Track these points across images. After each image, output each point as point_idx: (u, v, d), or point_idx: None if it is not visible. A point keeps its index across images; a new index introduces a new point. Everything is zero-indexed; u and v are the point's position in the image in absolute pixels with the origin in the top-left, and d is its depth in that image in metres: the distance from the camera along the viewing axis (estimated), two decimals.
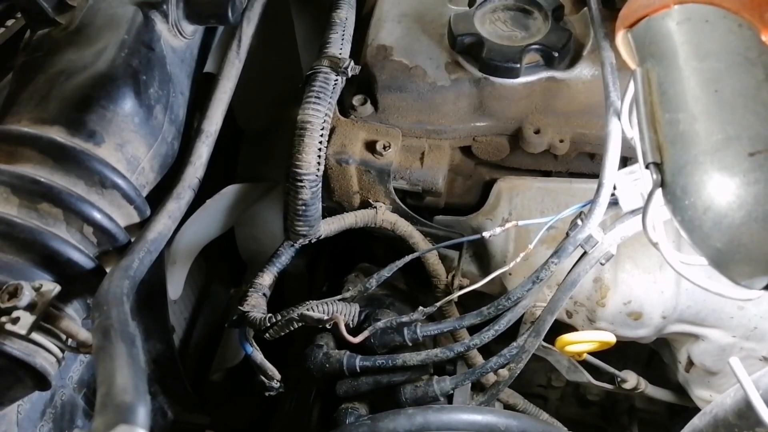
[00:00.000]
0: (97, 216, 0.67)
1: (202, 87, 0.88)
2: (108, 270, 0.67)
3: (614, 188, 0.73)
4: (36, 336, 0.60)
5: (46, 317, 0.60)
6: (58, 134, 0.67)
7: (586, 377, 1.04)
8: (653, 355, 1.11)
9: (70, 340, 0.64)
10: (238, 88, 0.89)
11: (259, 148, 1.26)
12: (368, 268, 1.04)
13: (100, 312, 0.52)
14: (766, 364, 0.92)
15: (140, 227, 0.72)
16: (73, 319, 0.65)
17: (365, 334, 0.82)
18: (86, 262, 0.65)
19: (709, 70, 0.58)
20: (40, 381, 0.63)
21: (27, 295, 0.57)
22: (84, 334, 0.63)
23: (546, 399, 1.27)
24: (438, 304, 0.84)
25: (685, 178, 0.55)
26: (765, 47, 0.57)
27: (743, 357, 0.92)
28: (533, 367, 1.14)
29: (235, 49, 0.86)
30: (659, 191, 0.58)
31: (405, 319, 0.84)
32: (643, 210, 0.61)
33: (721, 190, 0.52)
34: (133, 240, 0.70)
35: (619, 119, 0.73)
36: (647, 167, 0.59)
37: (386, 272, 0.87)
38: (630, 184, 0.73)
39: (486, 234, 0.82)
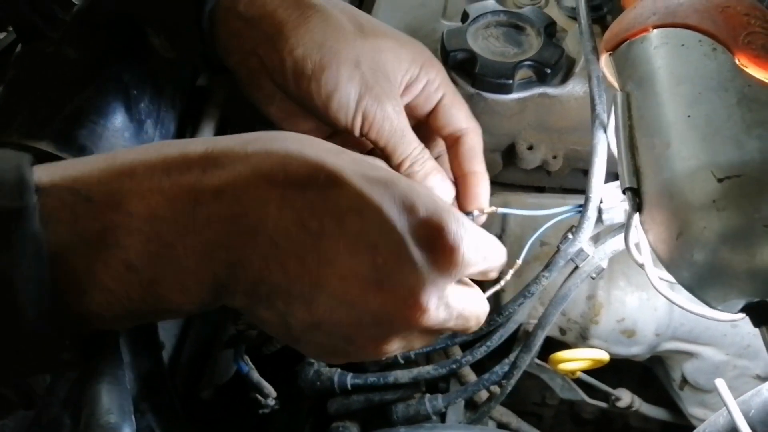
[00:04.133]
0: None
1: (194, 100, 0.88)
2: None
3: (601, 201, 0.73)
4: None
5: None
6: (47, 149, 0.67)
7: (580, 395, 1.03)
8: (647, 373, 1.11)
9: None
10: (231, 101, 0.88)
11: None
12: None
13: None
14: (760, 382, 0.92)
15: None
16: None
17: None
18: None
19: (683, 94, 0.58)
20: (26, 400, 0.62)
21: None
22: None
23: (540, 417, 1.26)
24: None
25: (659, 203, 0.55)
26: (738, 70, 0.57)
27: (737, 375, 0.92)
28: (527, 385, 1.13)
29: None
30: (637, 216, 0.59)
31: None
32: (624, 233, 0.62)
33: (693, 215, 0.53)
34: None
35: (605, 132, 0.73)
36: (624, 192, 0.60)
37: None
38: (617, 198, 0.73)
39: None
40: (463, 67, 0.90)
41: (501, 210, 0.79)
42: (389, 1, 1.02)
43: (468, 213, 0.79)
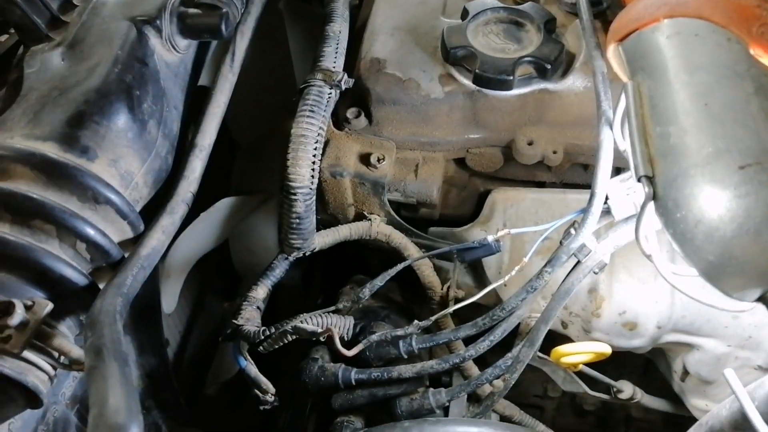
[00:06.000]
0: (91, 232, 0.66)
1: (196, 100, 0.88)
2: (101, 286, 0.67)
3: (607, 197, 0.74)
4: (28, 354, 0.59)
5: (39, 335, 0.60)
6: (51, 150, 0.67)
7: (583, 388, 1.03)
8: (649, 364, 1.11)
9: (62, 358, 0.64)
10: (231, 99, 0.89)
11: (252, 160, 1.26)
12: (363, 279, 1.03)
13: (92, 331, 0.52)
14: (762, 373, 0.92)
15: (134, 242, 0.72)
16: (66, 336, 0.64)
17: (359, 347, 0.82)
18: (79, 279, 0.65)
19: (698, 83, 0.58)
20: (32, 399, 0.63)
21: (19, 314, 0.57)
22: (77, 352, 0.63)
23: (542, 409, 1.27)
24: (433, 317, 0.84)
25: (676, 191, 0.56)
26: (753, 61, 0.57)
27: (738, 366, 0.92)
28: (529, 378, 1.13)
29: (229, 63, 0.86)
30: (651, 204, 0.59)
31: (400, 332, 0.83)
32: (636, 222, 0.62)
33: (712, 203, 0.53)
34: (126, 256, 0.70)
35: (611, 128, 0.73)
36: (639, 180, 0.60)
37: (379, 281, 0.87)
38: (622, 192, 0.73)
39: (477, 242, 0.83)
40: (463, 63, 0.90)
41: (514, 231, 0.80)
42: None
43: (482, 240, 0.82)
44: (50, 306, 0.60)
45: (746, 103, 0.55)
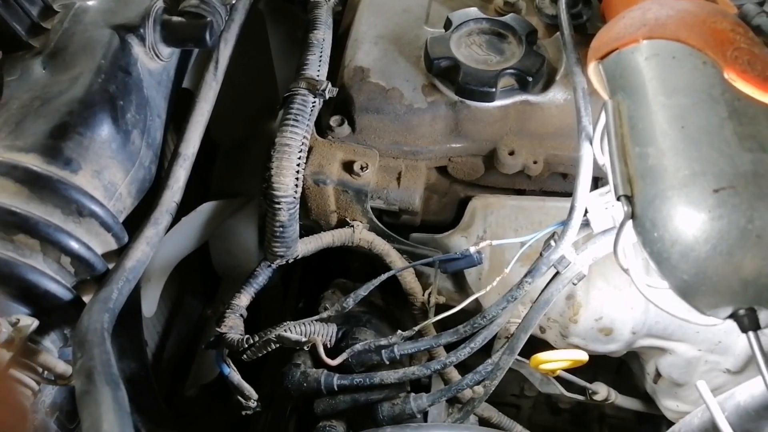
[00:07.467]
0: (75, 246, 0.66)
1: (179, 104, 0.87)
2: (86, 299, 0.67)
3: (586, 210, 0.76)
4: (13, 371, 0.59)
5: (24, 352, 0.59)
6: (33, 162, 0.66)
7: (559, 389, 1.06)
8: (622, 364, 1.14)
9: (46, 372, 0.63)
10: (216, 107, 0.88)
11: (234, 163, 1.25)
12: (344, 284, 1.04)
13: (82, 351, 0.52)
14: (730, 376, 0.96)
15: (118, 254, 0.72)
16: (51, 351, 0.64)
17: (343, 356, 0.83)
18: (64, 294, 0.65)
19: (676, 106, 0.60)
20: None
21: (4, 333, 0.56)
22: (62, 367, 0.63)
23: (519, 408, 1.30)
24: (416, 328, 0.85)
25: (654, 212, 0.58)
26: (727, 85, 0.59)
27: (708, 369, 0.96)
28: (507, 378, 1.14)
29: (213, 71, 0.86)
30: (630, 223, 0.61)
31: (383, 342, 0.85)
32: (615, 239, 0.64)
33: (688, 224, 0.55)
34: (111, 267, 0.70)
35: (591, 144, 0.75)
36: (618, 199, 0.61)
37: (363, 291, 0.88)
38: (601, 206, 0.75)
39: (459, 253, 0.85)
40: (446, 74, 0.91)
41: (495, 242, 0.81)
42: (372, 7, 1.02)
43: (465, 251, 0.84)
44: (35, 323, 0.60)
45: (720, 127, 0.57)
